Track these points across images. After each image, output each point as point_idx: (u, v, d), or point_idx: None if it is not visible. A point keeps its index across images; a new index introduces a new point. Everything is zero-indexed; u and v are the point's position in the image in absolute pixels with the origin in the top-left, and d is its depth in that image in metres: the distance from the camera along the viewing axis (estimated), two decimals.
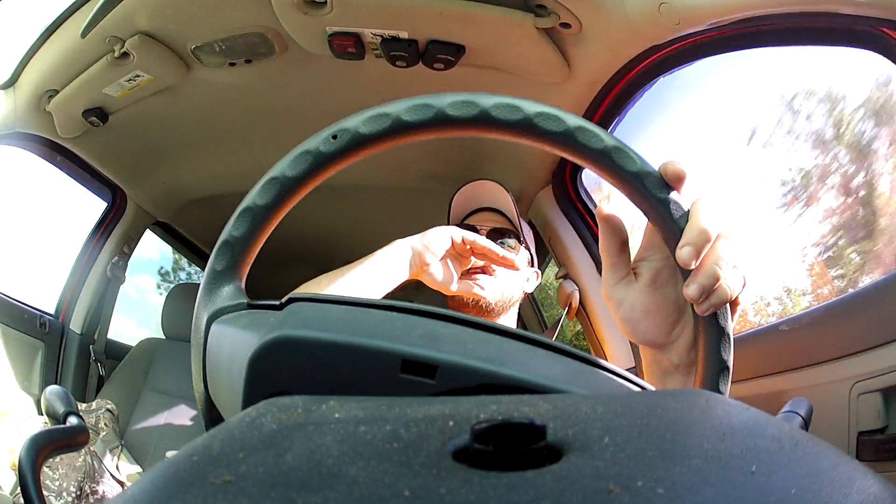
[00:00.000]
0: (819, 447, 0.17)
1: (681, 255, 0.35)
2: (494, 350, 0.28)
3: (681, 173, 0.35)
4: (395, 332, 0.28)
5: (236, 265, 0.36)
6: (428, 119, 0.34)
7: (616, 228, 0.43)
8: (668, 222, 0.36)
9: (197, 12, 1.09)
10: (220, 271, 0.35)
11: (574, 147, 0.35)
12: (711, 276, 0.35)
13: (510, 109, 0.34)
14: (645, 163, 0.35)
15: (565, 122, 0.34)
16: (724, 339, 0.36)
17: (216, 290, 0.35)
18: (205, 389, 0.35)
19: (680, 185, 0.36)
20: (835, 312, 0.73)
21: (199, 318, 0.35)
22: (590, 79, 1.08)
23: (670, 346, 0.43)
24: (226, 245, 0.35)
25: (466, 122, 0.34)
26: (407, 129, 0.35)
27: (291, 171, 0.35)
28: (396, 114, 0.34)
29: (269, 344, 0.27)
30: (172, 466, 0.16)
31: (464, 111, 0.34)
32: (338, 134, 0.35)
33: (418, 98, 0.35)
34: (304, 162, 0.35)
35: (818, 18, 0.72)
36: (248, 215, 0.35)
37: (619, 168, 0.35)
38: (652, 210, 0.36)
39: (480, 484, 0.15)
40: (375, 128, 0.34)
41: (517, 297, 0.94)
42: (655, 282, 0.42)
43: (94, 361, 1.72)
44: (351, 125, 0.35)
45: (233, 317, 0.34)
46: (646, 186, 0.35)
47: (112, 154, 1.57)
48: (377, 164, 1.53)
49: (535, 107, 0.34)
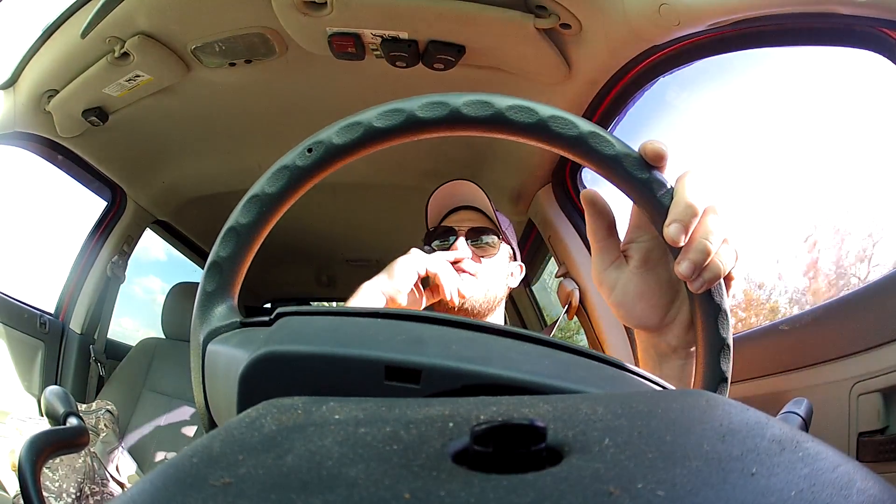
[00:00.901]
0: (819, 448, 0.17)
1: (668, 233, 0.35)
2: (479, 349, 0.28)
3: (661, 152, 0.35)
4: (378, 340, 0.28)
5: (227, 285, 0.36)
6: (399, 124, 0.34)
7: (602, 211, 0.42)
8: (653, 201, 0.36)
9: (197, 13, 1.09)
10: (212, 292, 0.36)
11: (549, 136, 0.35)
12: (702, 252, 0.35)
13: (482, 105, 0.34)
14: (624, 144, 0.35)
15: (538, 113, 0.34)
16: (721, 315, 0.36)
17: (209, 312, 0.36)
18: (206, 409, 0.36)
19: (662, 163, 0.35)
20: (835, 312, 0.73)
21: (196, 339, 0.36)
22: (590, 79, 1.08)
23: (667, 329, 0.42)
24: (214, 266, 0.36)
25: (437, 122, 0.34)
26: (379, 135, 0.35)
27: (271, 188, 0.35)
28: (368, 121, 0.34)
29: (256, 360, 0.27)
30: (172, 468, 0.16)
31: (435, 112, 0.34)
32: (313, 147, 0.35)
33: (389, 104, 0.35)
34: (282, 177, 0.35)
35: (818, 19, 0.72)
36: (233, 235, 0.36)
37: (597, 152, 0.35)
38: (635, 191, 0.36)
39: (480, 486, 0.14)
40: (348, 138, 0.35)
41: (502, 295, 0.96)
42: (647, 263, 0.42)
43: (94, 361, 1.72)
44: (324, 137, 0.35)
45: (226, 336, 0.35)
46: (626, 168, 0.35)
47: (112, 153, 1.57)
48: (377, 163, 1.53)
49: (506, 100, 0.34)
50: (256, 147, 1.49)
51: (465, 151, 1.50)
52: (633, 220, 0.42)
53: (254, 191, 0.35)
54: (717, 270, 0.35)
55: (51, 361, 1.59)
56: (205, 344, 0.35)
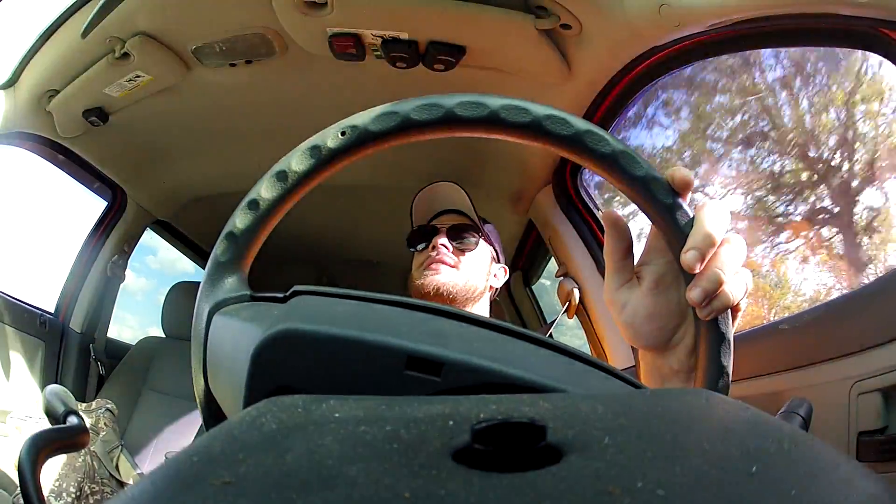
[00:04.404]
0: (819, 447, 0.17)
1: (685, 259, 0.36)
2: (500, 349, 0.28)
3: (688, 180, 0.36)
4: (402, 328, 0.28)
5: (240, 256, 0.36)
6: (436, 119, 0.35)
7: (622, 233, 0.43)
8: (674, 227, 0.36)
9: (197, 13, 1.09)
10: (224, 262, 0.35)
11: (582, 150, 0.35)
12: (714, 281, 0.36)
13: (519, 111, 0.34)
14: (651, 168, 0.36)
15: (574, 126, 0.35)
16: (724, 344, 0.37)
17: (219, 281, 0.35)
18: (204, 383, 0.35)
19: (686, 191, 0.37)
20: (835, 312, 0.73)
21: (201, 308, 0.35)
22: (590, 79, 1.08)
23: (671, 351, 0.43)
24: (230, 236, 0.35)
25: (475, 122, 0.35)
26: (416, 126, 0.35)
27: (298, 166, 0.35)
28: (406, 112, 0.35)
29: (273, 337, 0.27)
30: (172, 467, 0.16)
31: (472, 112, 0.35)
32: (346, 130, 0.35)
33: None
34: (312, 156, 0.35)
35: (818, 19, 0.72)
36: (254, 207, 0.35)
37: (626, 173, 0.35)
38: (658, 215, 0.37)
39: (480, 485, 0.15)
40: (385, 125, 0.35)
41: (482, 289, 1.00)
42: (658, 286, 0.43)
43: (94, 360, 1.72)
44: (360, 122, 0.35)
45: (235, 308, 0.34)
46: (652, 191, 0.36)
47: (112, 154, 1.57)
48: (378, 164, 1.53)
49: (543, 109, 0.35)
50: (256, 147, 1.49)
51: (464, 153, 1.50)
52: (649, 244, 0.43)
53: (280, 166, 0.35)
54: (727, 300, 0.36)
55: (51, 360, 1.59)
56: (210, 314, 0.34)
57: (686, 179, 0.36)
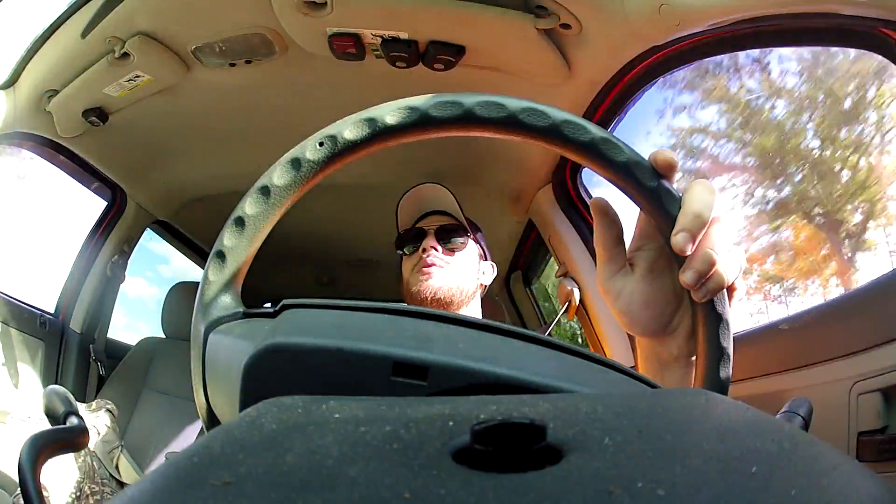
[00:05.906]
0: (819, 448, 0.17)
1: (675, 242, 0.35)
2: (487, 349, 0.28)
3: (671, 162, 0.35)
4: (386, 335, 0.28)
5: (231, 274, 0.36)
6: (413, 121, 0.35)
7: (612, 220, 0.43)
8: (661, 210, 0.36)
9: (197, 13, 1.09)
10: (215, 281, 0.36)
11: (561, 140, 0.35)
12: (707, 262, 0.35)
13: (495, 107, 0.34)
14: (634, 152, 0.35)
15: (550, 117, 0.35)
16: (722, 325, 0.36)
17: (212, 301, 0.36)
18: (205, 400, 0.35)
19: (671, 173, 0.36)
20: (835, 312, 0.73)
21: (197, 328, 0.36)
22: (590, 79, 1.08)
23: (669, 337, 0.42)
24: (219, 255, 0.36)
25: (450, 121, 0.35)
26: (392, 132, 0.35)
27: (280, 180, 0.35)
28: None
29: (261, 352, 0.27)
30: (172, 468, 0.16)
31: (448, 111, 0.35)
32: (324, 141, 0.35)
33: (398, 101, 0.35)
34: (293, 169, 0.35)
35: (818, 19, 0.72)
36: (240, 225, 0.35)
37: (608, 159, 0.35)
38: (644, 199, 0.36)
39: (480, 485, 0.15)
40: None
41: (474, 288, 1.01)
42: (652, 271, 0.42)
43: (94, 361, 1.72)
44: (335, 132, 0.35)
45: (229, 326, 0.34)
46: (636, 176, 0.35)
47: (112, 154, 1.57)
48: (378, 163, 1.53)
49: (520, 103, 0.35)
50: (256, 147, 1.49)
51: (465, 153, 1.50)
52: (638, 229, 0.43)
53: (262, 182, 0.36)
54: (721, 281, 0.36)
55: (51, 361, 1.59)
56: (206, 334, 0.35)
57: (669, 161, 0.35)
